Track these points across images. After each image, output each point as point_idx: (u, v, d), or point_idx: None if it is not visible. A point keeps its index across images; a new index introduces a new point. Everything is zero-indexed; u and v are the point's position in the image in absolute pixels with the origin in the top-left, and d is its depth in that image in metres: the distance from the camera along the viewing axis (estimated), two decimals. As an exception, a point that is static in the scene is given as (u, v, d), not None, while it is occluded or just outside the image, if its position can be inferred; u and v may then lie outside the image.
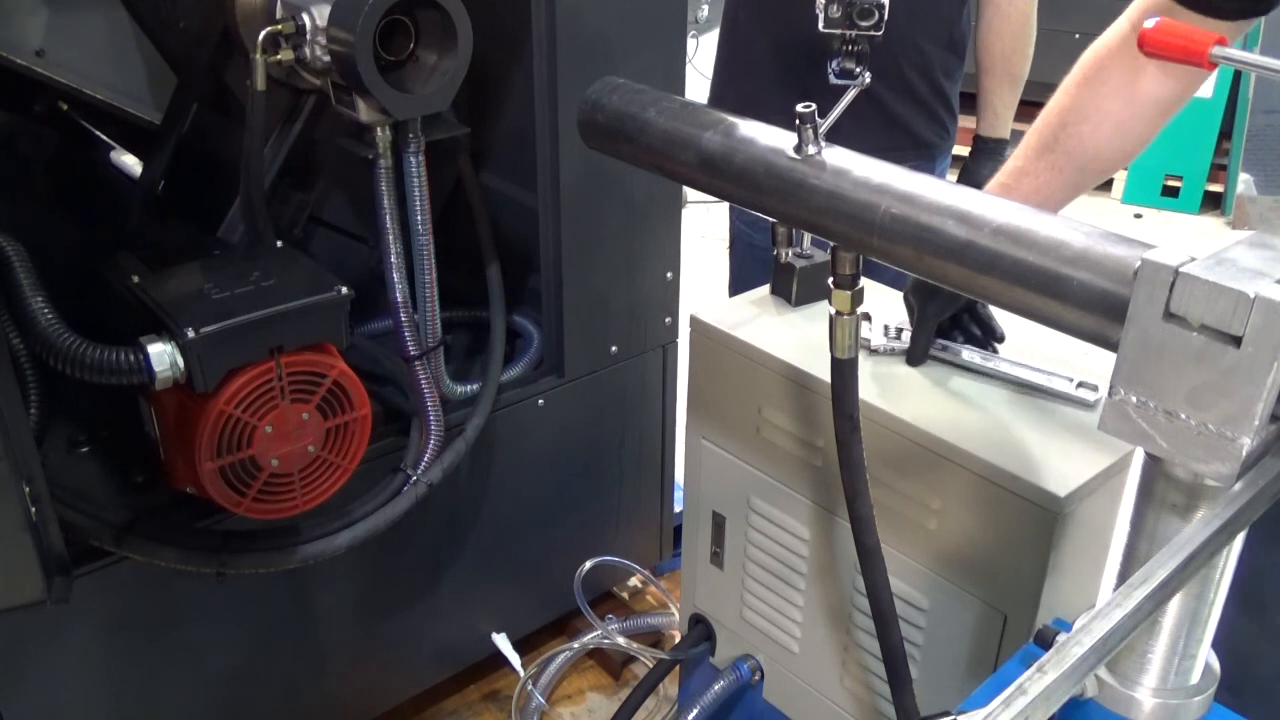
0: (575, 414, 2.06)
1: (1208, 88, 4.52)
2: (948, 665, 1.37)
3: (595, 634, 2.10)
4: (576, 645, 2.19)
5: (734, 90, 2.13)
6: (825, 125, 1.05)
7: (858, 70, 1.22)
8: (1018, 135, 2.23)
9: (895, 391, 1.36)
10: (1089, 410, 1.32)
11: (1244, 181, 4.87)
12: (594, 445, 2.13)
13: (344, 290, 1.47)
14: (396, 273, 1.68)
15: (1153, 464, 0.75)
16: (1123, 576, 0.81)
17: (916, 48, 2.00)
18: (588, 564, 1.98)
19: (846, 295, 1.10)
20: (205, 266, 1.56)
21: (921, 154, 2.09)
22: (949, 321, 1.42)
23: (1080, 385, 1.33)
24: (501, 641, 2.08)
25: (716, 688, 1.69)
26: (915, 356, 1.42)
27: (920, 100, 2.05)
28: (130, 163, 1.97)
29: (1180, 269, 0.67)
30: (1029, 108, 2.01)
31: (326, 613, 1.84)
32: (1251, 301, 0.64)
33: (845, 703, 1.55)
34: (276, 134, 1.79)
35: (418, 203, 1.67)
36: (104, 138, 1.94)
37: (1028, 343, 1.43)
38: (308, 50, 1.52)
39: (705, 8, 4.79)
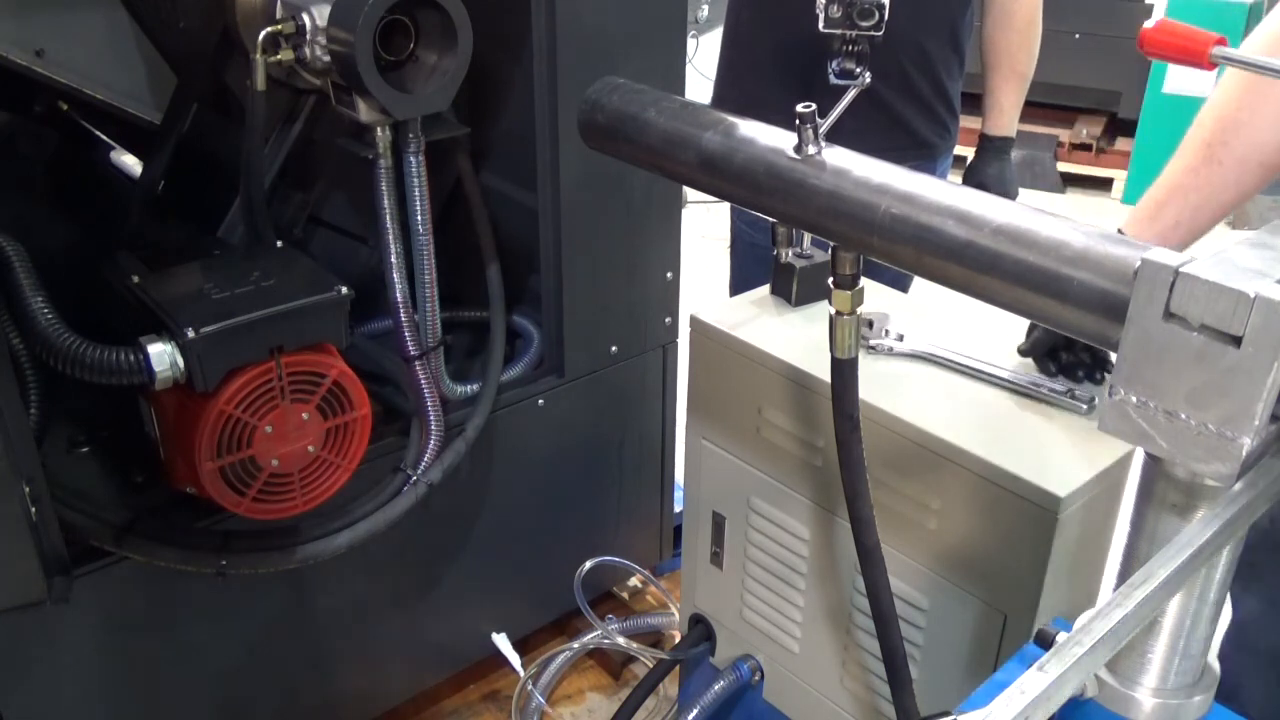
0: (575, 414, 2.05)
1: (1208, 87, 4.51)
2: (948, 665, 1.37)
3: (595, 634, 2.10)
4: (576, 645, 2.19)
5: (737, 90, 2.13)
6: (825, 125, 1.05)
7: (858, 70, 1.22)
8: (1022, 135, 2.22)
9: (895, 391, 1.36)
10: (1084, 415, 1.32)
11: (1244, 181, 4.86)
12: (594, 445, 2.12)
13: (344, 290, 1.47)
14: (396, 273, 1.68)
15: (1153, 464, 0.75)
16: (1123, 576, 0.81)
17: (918, 47, 1.99)
18: (588, 564, 1.98)
19: (846, 295, 1.10)
20: (205, 266, 1.56)
21: (922, 154, 2.09)
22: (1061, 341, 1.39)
23: (1073, 395, 1.33)
24: (501, 641, 2.08)
25: (716, 688, 1.69)
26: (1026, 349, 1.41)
27: (922, 100, 2.05)
28: (130, 163, 1.96)
29: (1180, 269, 0.66)
30: (1031, 108, 2.01)
31: (326, 613, 1.84)
32: (1251, 301, 0.63)
33: (845, 703, 1.55)
34: (276, 134, 1.79)
35: (418, 203, 1.67)
36: (104, 138, 1.94)
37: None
38: (308, 50, 1.52)
39: (705, 8, 4.78)
